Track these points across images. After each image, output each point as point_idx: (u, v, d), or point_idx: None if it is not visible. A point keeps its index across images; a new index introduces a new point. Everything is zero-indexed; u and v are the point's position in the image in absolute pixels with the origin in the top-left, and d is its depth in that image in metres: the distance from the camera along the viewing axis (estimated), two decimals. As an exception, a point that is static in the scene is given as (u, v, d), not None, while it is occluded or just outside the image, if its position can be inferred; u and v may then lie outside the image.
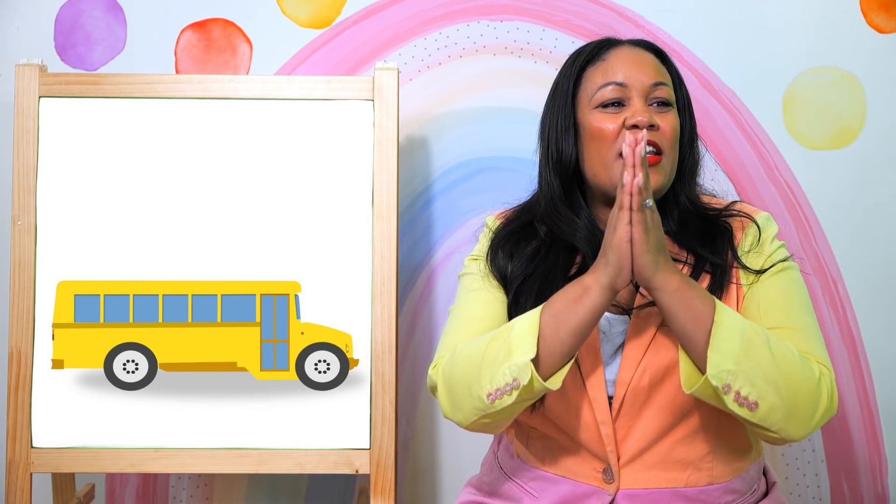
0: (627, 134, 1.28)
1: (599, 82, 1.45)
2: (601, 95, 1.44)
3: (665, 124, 1.42)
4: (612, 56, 1.47)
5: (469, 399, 1.36)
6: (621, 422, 1.40)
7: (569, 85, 1.49)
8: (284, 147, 1.82)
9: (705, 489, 1.41)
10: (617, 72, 1.45)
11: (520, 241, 1.50)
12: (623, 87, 1.44)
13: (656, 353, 1.39)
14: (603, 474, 1.41)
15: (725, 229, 1.45)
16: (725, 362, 1.25)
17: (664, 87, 1.45)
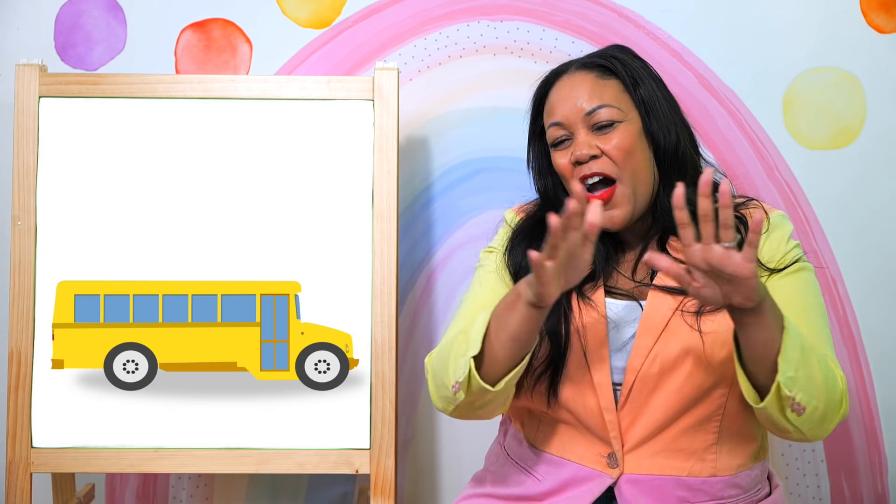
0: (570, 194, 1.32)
1: (547, 122, 1.50)
2: (550, 136, 1.50)
3: (609, 146, 1.44)
4: (553, 93, 1.51)
5: (442, 388, 1.41)
6: (629, 408, 1.42)
7: (533, 127, 1.56)
8: (284, 147, 1.82)
9: (708, 480, 1.42)
10: (555, 110, 1.49)
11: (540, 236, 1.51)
12: (561, 125, 1.48)
13: (667, 341, 1.40)
14: (607, 459, 1.43)
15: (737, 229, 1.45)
16: (789, 369, 1.26)
17: (602, 109, 1.45)
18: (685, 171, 1.50)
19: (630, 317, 1.44)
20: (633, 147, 1.45)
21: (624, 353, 1.43)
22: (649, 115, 1.48)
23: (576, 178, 1.44)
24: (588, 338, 1.43)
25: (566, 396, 1.44)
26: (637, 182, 1.45)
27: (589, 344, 1.43)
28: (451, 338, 1.43)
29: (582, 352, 1.43)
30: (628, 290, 1.47)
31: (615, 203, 1.43)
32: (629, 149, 1.45)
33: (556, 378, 1.44)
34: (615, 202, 1.43)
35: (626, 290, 1.47)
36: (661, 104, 1.50)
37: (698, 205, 1.21)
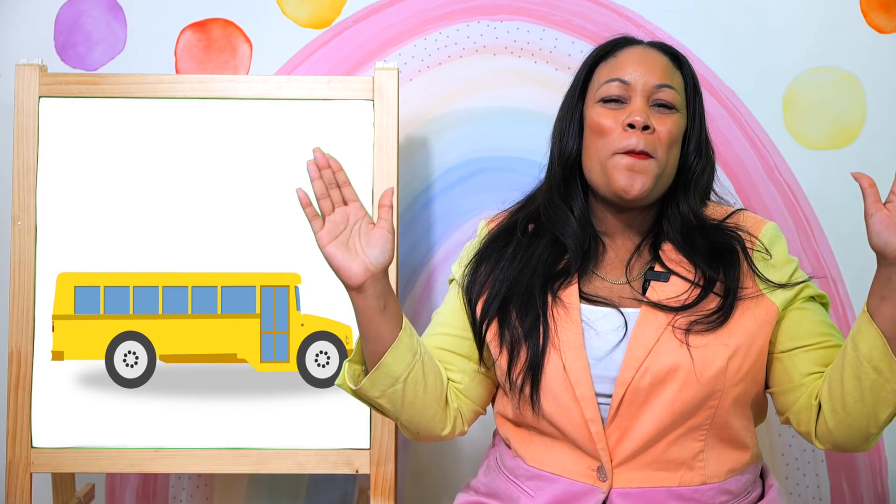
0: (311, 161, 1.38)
1: (605, 77, 1.46)
2: (604, 90, 1.45)
3: (662, 128, 1.42)
4: (624, 54, 1.48)
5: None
6: (618, 422, 1.39)
7: (580, 78, 1.51)
8: (284, 147, 1.82)
9: (699, 489, 1.40)
10: (624, 69, 1.45)
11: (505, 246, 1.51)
12: (626, 84, 1.44)
13: (659, 354, 1.38)
14: (597, 472, 1.40)
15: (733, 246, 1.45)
16: None
17: (669, 90, 1.44)
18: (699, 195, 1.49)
19: (611, 326, 1.41)
20: (677, 142, 1.45)
21: (609, 364, 1.40)
22: (693, 126, 1.48)
23: (619, 141, 1.41)
24: (564, 347, 1.41)
25: (549, 409, 1.41)
26: (665, 170, 1.44)
27: (567, 354, 1.41)
28: None
29: (561, 363, 1.41)
30: (606, 296, 1.45)
31: (643, 169, 1.40)
32: (676, 139, 1.44)
33: (537, 382, 1.42)
34: (645, 169, 1.40)
35: (603, 297, 1.44)
36: (703, 126, 1.51)
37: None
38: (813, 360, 1.41)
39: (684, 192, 1.48)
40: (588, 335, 1.42)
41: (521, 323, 1.43)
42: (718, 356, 1.36)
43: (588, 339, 1.41)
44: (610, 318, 1.42)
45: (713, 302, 1.40)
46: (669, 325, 1.38)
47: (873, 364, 1.30)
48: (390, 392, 1.41)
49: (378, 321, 1.39)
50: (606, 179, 1.42)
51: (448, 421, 1.49)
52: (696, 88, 1.50)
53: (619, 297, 1.45)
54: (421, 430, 1.47)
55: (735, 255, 1.43)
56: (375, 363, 1.40)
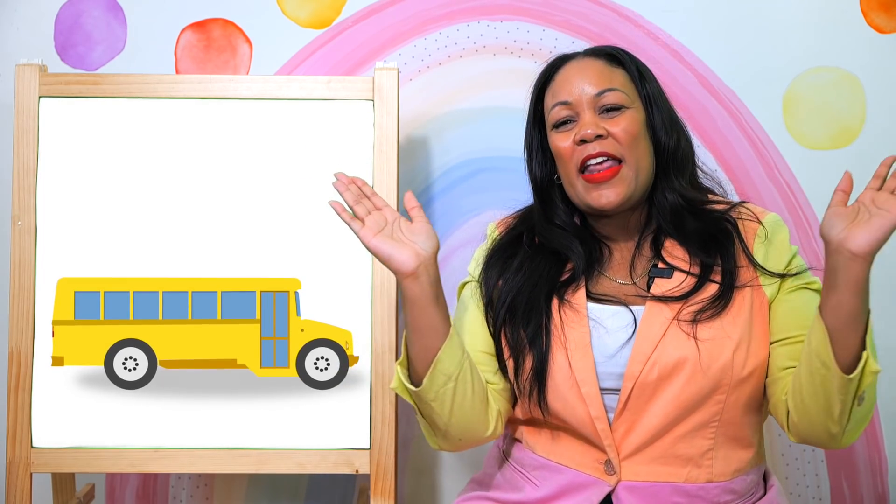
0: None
1: (550, 104, 1.50)
2: (553, 116, 1.49)
3: (616, 129, 1.45)
4: (560, 75, 1.51)
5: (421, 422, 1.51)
6: (626, 415, 1.41)
7: (531, 109, 1.56)
8: (284, 147, 1.82)
9: (704, 486, 1.41)
10: (563, 90, 1.49)
11: (511, 257, 1.53)
12: (568, 104, 1.48)
13: (666, 348, 1.40)
14: (604, 466, 1.42)
15: (728, 232, 1.45)
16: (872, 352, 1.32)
17: (610, 92, 1.47)
18: (683, 173, 1.50)
19: (620, 323, 1.44)
20: (639, 134, 1.46)
21: (619, 360, 1.42)
22: (653, 110, 1.49)
23: (577, 159, 1.45)
24: (571, 346, 1.43)
25: (556, 407, 1.44)
26: (639, 168, 1.46)
27: (574, 353, 1.43)
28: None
29: (567, 363, 1.43)
30: (615, 295, 1.47)
31: (616, 182, 1.44)
32: (636, 134, 1.46)
33: (543, 388, 1.44)
34: (616, 181, 1.44)
35: (612, 296, 1.47)
36: (664, 104, 1.52)
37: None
38: (789, 355, 1.42)
39: (666, 177, 1.50)
40: (598, 333, 1.44)
41: (525, 331, 1.44)
42: (724, 349, 1.38)
43: (598, 337, 1.44)
44: (619, 316, 1.44)
45: (713, 287, 1.42)
46: (675, 318, 1.40)
47: (821, 359, 1.31)
48: (442, 392, 1.42)
49: (433, 311, 1.40)
50: (582, 200, 1.47)
51: (490, 422, 1.49)
52: (643, 74, 1.52)
53: (625, 295, 1.47)
54: (465, 436, 1.48)
55: (729, 237, 1.45)
56: (427, 361, 1.40)
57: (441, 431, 1.47)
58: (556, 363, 1.43)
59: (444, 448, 1.51)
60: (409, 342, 1.42)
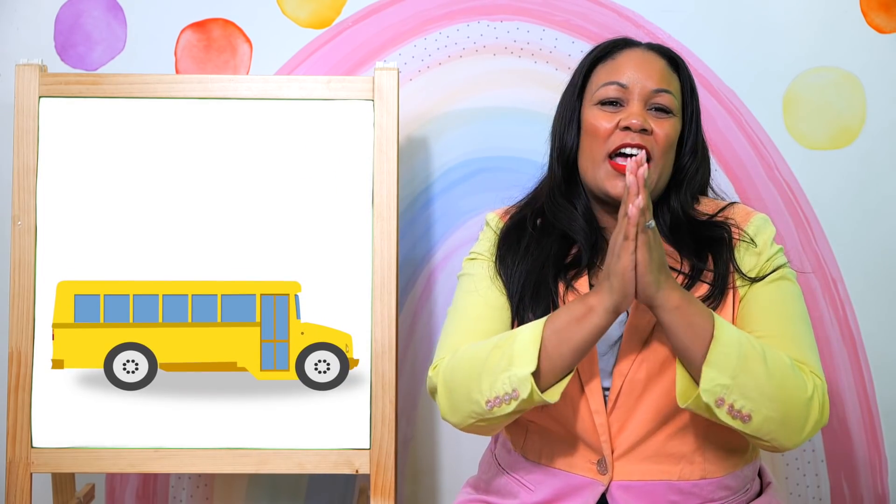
0: (630, 160, 1.29)
1: (603, 80, 1.48)
2: (602, 93, 1.47)
3: (660, 131, 1.44)
4: (622, 56, 1.49)
5: (468, 403, 1.39)
6: (617, 413, 1.41)
7: (578, 79, 1.53)
8: (284, 147, 1.82)
9: (698, 483, 1.41)
10: (622, 72, 1.47)
11: (519, 240, 1.51)
12: (624, 87, 1.46)
13: (654, 346, 1.40)
14: (597, 465, 1.42)
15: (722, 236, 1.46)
16: (721, 377, 1.28)
17: (666, 94, 1.46)
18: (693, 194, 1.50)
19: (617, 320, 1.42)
20: (673, 145, 1.46)
21: (610, 357, 1.43)
22: (689, 128, 1.49)
23: (614, 143, 1.43)
24: None
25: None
26: (661, 175, 1.45)
27: None
28: (476, 352, 1.40)
29: None
30: None
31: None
32: (672, 143, 1.46)
33: None
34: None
35: None
36: (699, 126, 1.52)
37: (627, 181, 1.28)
38: None
39: (676, 191, 1.49)
40: None
41: (533, 314, 1.43)
42: None
43: None
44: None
45: (703, 288, 1.42)
46: None
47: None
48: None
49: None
50: (597, 182, 1.45)
51: None
52: (693, 91, 1.51)
53: None
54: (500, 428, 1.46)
55: (723, 244, 1.45)
56: (560, 376, 1.37)
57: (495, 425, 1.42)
58: None
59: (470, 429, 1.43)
60: (560, 360, 1.35)
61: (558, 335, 1.34)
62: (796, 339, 1.39)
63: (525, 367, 1.33)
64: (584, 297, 1.35)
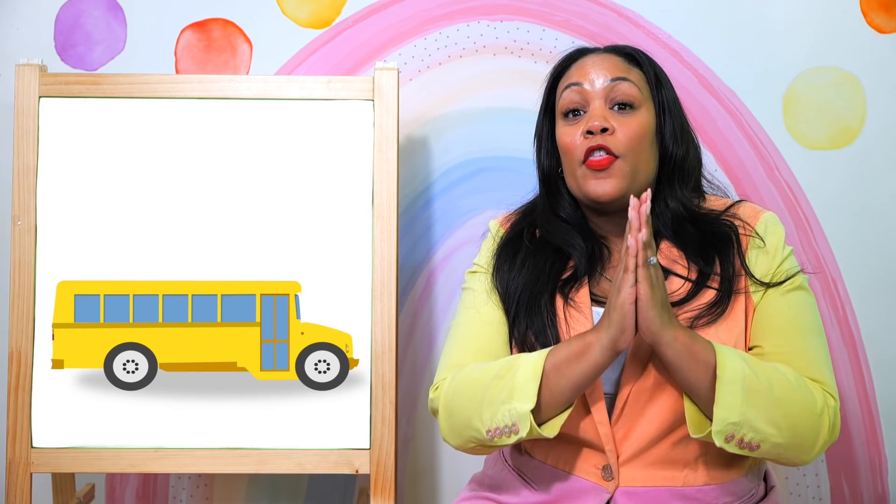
0: (632, 198, 1.29)
1: (563, 86, 1.50)
2: (563, 100, 1.49)
3: (624, 128, 1.44)
4: (577, 63, 1.51)
5: (469, 430, 1.40)
6: (623, 421, 1.40)
7: (544, 98, 1.55)
8: (284, 147, 1.82)
9: (702, 489, 1.41)
10: (576, 75, 1.48)
11: (515, 253, 1.52)
12: (581, 87, 1.47)
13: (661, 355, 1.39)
14: (602, 471, 1.41)
15: (728, 237, 1.45)
16: (730, 415, 1.28)
17: (624, 82, 1.46)
18: (688, 183, 1.50)
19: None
20: (644, 137, 1.45)
21: (615, 365, 1.41)
22: (665, 116, 1.49)
23: (581, 150, 1.43)
24: None
25: None
26: (637, 168, 1.44)
27: None
28: (477, 380, 1.40)
29: None
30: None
31: (612, 173, 1.42)
32: (641, 136, 1.45)
33: None
34: (612, 171, 1.43)
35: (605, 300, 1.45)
36: (677, 112, 1.51)
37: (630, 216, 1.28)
38: None
39: (670, 185, 1.49)
40: None
41: (530, 330, 1.44)
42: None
43: None
44: None
45: (710, 294, 1.41)
46: None
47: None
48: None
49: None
50: (581, 191, 1.46)
51: None
52: (660, 79, 1.51)
53: None
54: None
55: (729, 244, 1.44)
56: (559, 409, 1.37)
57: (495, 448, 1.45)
58: None
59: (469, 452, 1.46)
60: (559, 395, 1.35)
61: (558, 371, 1.34)
62: (812, 357, 1.39)
63: (525, 403, 1.33)
64: (583, 334, 1.36)
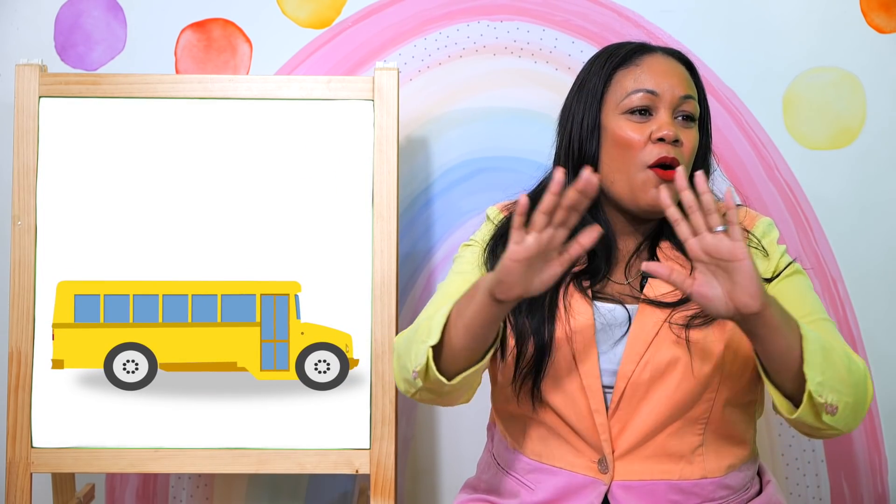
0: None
1: (630, 87, 1.45)
2: (630, 101, 1.44)
3: (687, 141, 1.43)
4: (646, 62, 1.46)
5: (404, 371, 1.41)
6: (619, 414, 1.41)
7: (598, 84, 1.48)
8: (284, 147, 1.82)
9: (699, 482, 1.42)
10: (649, 79, 1.44)
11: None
12: (654, 95, 1.43)
13: (659, 348, 1.40)
14: (598, 465, 1.42)
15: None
16: (816, 375, 1.25)
17: (692, 100, 1.45)
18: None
19: (616, 320, 1.43)
20: (695, 153, 1.46)
21: (612, 357, 1.42)
22: (703, 135, 1.49)
23: (652, 155, 1.40)
24: (576, 340, 1.42)
25: (555, 400, 1.43)
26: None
27: (577, 346, 1.42)
28: (418, 323, 1.42)
29: (570, 354, 1.42)
30: (612, 292, 1.46)
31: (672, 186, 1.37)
32: (695, 150, 1.45)
33: (540, 379, 1.42)
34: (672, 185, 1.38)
35: (613, 295, 1.46)
36: (708, 133, 1.51)
37: (682, 199, 1.23)
38: None
39: None
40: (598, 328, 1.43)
41: (530, 317, 1.43)
42: (715, 349, 1.39)
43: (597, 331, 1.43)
44: (615, 313, 1.44)
45: None
46: (666, 320, 1.40)
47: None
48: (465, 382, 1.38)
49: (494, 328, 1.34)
50: (633, 193, 1.42)
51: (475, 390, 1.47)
52: (705, 95, 1.51)
53: (620, 294, 1.46)
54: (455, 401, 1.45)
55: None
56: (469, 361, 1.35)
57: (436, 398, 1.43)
58: (560, 353, 1.42)
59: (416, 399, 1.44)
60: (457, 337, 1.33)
61: (458, 310, 1.33)
62: (829, 327, 1.40)
63: (431, 338, 1.33)
64: (482, 277, 1.33)
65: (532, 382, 1.43)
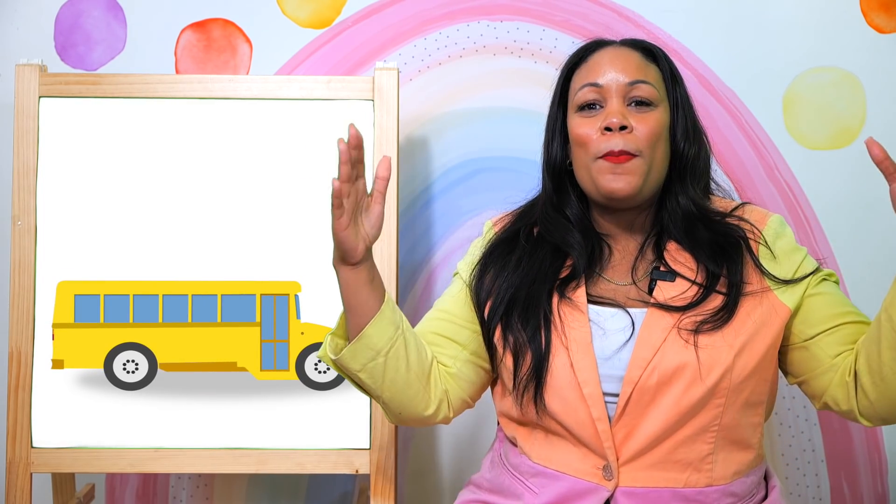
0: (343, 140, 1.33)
1: (579, 84, 1.48)
2: (579, 98, 1.46)
3: (642, 126, 1.42)
4: (594, 58, 1.49)
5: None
6: (625, 420, 1.40)
7: (558, 88, 1.53)
8: (284, 147, 1.82)
9: (704, 490, 1.40)
10: (596, 73, 1.46)
11: (510, 253, 1.52)
12: (598, 87, 1.45)
13: (666, 353, 1.38)
14: (603, 471, 1.41)
15: (739, 241, 1.45)
16: None
17: (643, 85, 1.44)
18: (699, 182, 1.49)
19: (618, 325, 1.42)
20: (661, 136, 1.45)
21: (616, 363, 1.41)
22: (678, 114, 1.48)
23: (598, 149, 1.42)
24: (572, 346, 1.41)
25: (556, 408, 1.42)
26: (653, 167, 1.44)
27: (574, 353, 1.41)
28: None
29: (568, 361, 1.41)
30: (612, 296, 1.45)
31: (627, 170, 1.41)
32: (659, 135, 1.44)
33: (541, 386, 1.42)
34: (628, 169, 1.41)
35: (609, 298, 1.45)
36: (690, 110, 1.51)
37: (875, 160, 1.30)
38: (838, 341, 1.43)
39: (681, 182, 1.48)
40: (595, 335, 1.42)
41: (524, 328, 1.43)
42: (724, 355, 1.37)
43: (595, 338, 1.42)
44: (617, 318, 1.43)
45: (718, 299, 1.41)
46: (675, 325, 1.39)
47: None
48: (371, 366, 1.41)
49: (367, 293, 1.39)
50: (594, 185, 1.44)
51: (432, 402, 1.48)
52: (675, 77, 1.50)
53: (625, 297, 1.45)
54: (403, 411, 1.47)
55: (738, 248, 1.44)
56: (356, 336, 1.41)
57: (381, 404, 1.47)
58: (558, 362, 1.41)
59: (392, 421, 1.51)
60: (346, 319, 1.43)
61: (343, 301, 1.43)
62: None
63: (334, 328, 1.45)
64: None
65: (534, 392, 1.43)
